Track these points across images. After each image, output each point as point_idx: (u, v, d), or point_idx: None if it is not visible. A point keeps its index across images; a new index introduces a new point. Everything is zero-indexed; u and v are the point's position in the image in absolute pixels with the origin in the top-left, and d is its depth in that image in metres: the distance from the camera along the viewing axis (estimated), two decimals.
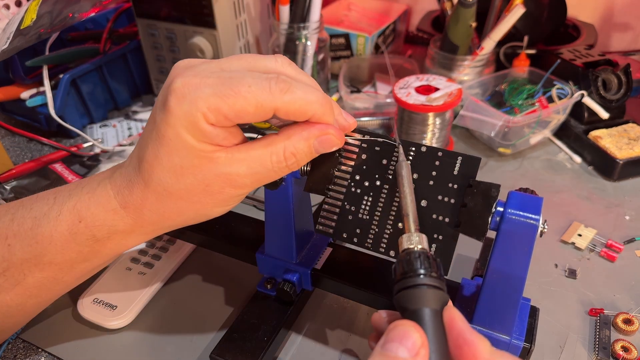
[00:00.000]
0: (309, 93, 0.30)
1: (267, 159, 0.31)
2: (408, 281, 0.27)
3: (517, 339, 0.34)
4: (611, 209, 0.56)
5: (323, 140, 0.31)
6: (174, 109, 0.29)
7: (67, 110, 0.70)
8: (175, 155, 0.30)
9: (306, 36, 0.69)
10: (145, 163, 0.31)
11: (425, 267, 0.27)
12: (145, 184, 0.31)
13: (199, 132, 0.29)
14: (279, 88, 0.29)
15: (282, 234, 0.40)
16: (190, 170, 0.30)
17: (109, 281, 0.47)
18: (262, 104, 0.28)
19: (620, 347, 0.41)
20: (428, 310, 0.26)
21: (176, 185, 0.31)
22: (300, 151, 0.31)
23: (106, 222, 0.33)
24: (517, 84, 0.67)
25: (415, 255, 0.27)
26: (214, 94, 0.28)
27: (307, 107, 0.30)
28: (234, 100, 0.28)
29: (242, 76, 0.29)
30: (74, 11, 0.64)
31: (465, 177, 0.32)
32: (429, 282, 0.26)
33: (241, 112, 0.28)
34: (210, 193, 0.31)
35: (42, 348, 0.43)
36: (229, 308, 0.46)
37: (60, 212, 0.34)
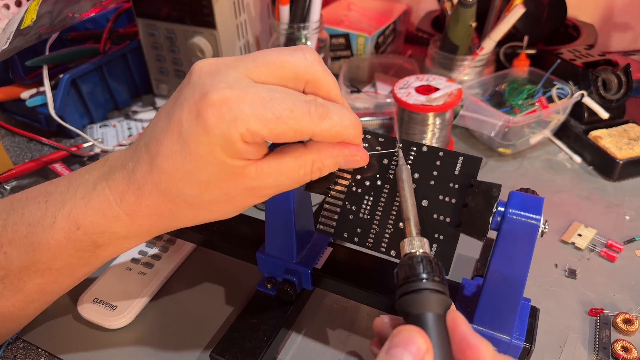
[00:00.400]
0: (345, 118, 0.30)
1: (295, 172, 0.31)
2: (410, 286, 0.27)
3: (517, 339, 0.34)
4: (611, 209, 0.56)
5: (350, 160, 0.32)
6: (212, 128, 0.27)
7: (67, 110, 0.70)
8: (204, 170, 0.29)
9: (306, 36, 0.69)
10: (164, 175, 0.30)
11: (428, 271, 0.27)
12: (162, 194, 0.30)
13: (234, 150, 0.28)
14: (318, 113, 0.28)
15: (283, 234, 0.40)
16: (216, 185, 0.30)
17: (109, 281, 0.47)
18: (302, 130, 0.28)
19: (620, 347, 0.41)
20: (431, 315, 0.26)
21: (199, 198, 0.30)
22: (327, 166, 0.31)
23: (107, 229, 0.32)
24: (517, 84, 0.67)
25: (417, 259, 0.28)
26: (254, 116, 0.27)
27: (342, 132, 0.30)
28: (275, 125, 0.27)
29: (282, 98, 0.28)
30: (74, 11, 0.64)
31: (466, 177, 0.32)
32: (432, 286, 0.26)
33: (280, 136, 0.28)
34: (232, 204, 0.31)
35: (42, 348, 0.43)
36: (229, 308, 0.46)
37: (55, 219, 0.33)
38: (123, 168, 0.32)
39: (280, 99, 0.28)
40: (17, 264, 0.33)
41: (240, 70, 0.29)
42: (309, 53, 0.30)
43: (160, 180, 0.30)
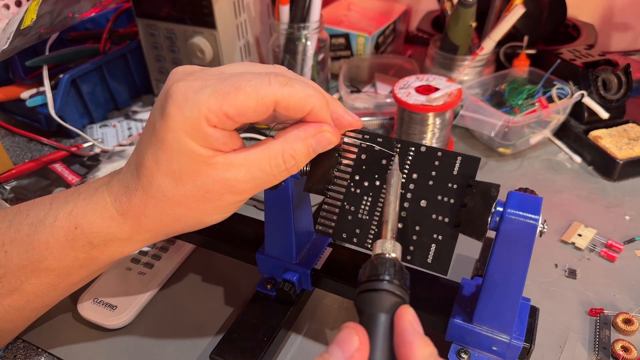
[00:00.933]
0: (307, 87, 0.30)
1: (266, 164, 0.31)
2: (370, 284, 0.27)
3: (517, 339, 0.34)
4: (611, 209, 0.56)
5: (320, 138, 0.31)
6: (174, 114, 0.29)
7: (67, 110, 0.70)
8: (174, 160, 0.30)
9: (306, 36, 0.69)
10: (144, 169, 0.31)
11: (390, 274, 0.27)
12: (144, 190, 0.31)
13: (201, 135, 0.29)
14: (278, 81, 0.29)
15: (282, 234, 0.40)
16: (189, 176, 0.30)
17: (109, 281, 0.47)
18: (263, 97, 0.28)
19: (620, 347, 0.41)
20: (383, 316, 0.26)
21: (175, 191, 0.31)
22: (299, 152, 0.31)
23: (103, 229, 0.33)
24: (517, 84, 0.67)
25: (383, 260, 0.28)
26: (214, 93, 0.28)
27: (307, 100, 0.29)
28: (234, 96, 0.28)
29: (241, 73, 0.29)
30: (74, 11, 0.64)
31: (465, 177, 0.32)
32: (390, 288, 0.26)
33: (242, 107, 0.28)
34: (210, 200, 0.31)
35: (42, 348, 0.43)
36: (229, 308, 0.46)
37: (56, 218, 0.34)
38: (119, 172, 0.34)
39: (240, 73, 0.29)
40: (16, 262, 0.34)
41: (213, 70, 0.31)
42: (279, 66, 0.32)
43: (142, 175, 0.31)
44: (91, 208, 0.33)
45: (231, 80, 0.28)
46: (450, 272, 0.32)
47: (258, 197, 0.58)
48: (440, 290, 0.38)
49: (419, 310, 0.36)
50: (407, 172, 0.34)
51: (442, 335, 0.36)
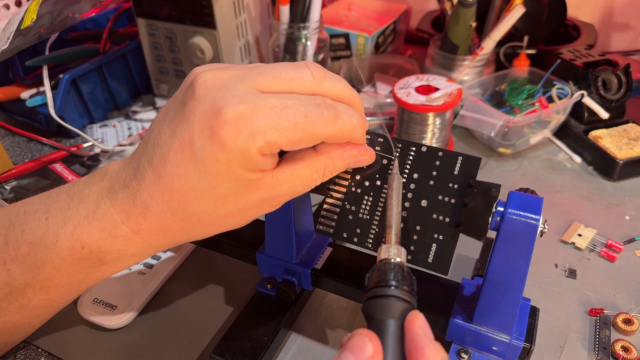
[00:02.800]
0: (352, 116, 0.30)
1: (309, 178, 0.31)
2: (378, 290, 0.27)
3: (517, 339, 0.34)
4: (611, 209, 0.56)
5: (359, 160, 0.33)
6: (230, 146, 0.27)
7: (67, 110, 0.70)
8: (220, 188, 0.28)
9: (306, 36, 0.69)
10: (176, 194, 0.29)
11: (398, 279, 0.27)
12: (172, 213, 0.30)
13: (252, 164, 0.28)
14: (331, 115, 0.28)
15: (282, 234, 0.40)
16: (232, 200, 0.29)
17: (109, 281, 0.47)
18: (318, 134, 0.28)
19: (620, 347, 0.41)
20: (393, 322, 0.26)
21: (214, 214, 0.30)
22: (338, 169, 0.32)
23: (115, 247, 0.31)
24: (517, 84, 0.67)
25: (390, 266, 0.28)
26: (271, 127, 0.27)
27: (352, 131, 0.30)
28: (292, 134, 0.27)
29: (295, 105, 0.28)
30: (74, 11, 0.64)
31: (466, 177, 0.32)
32: (399, 294, 0.26)
33: (297, 143, 0.28)
34: (246, 215, 0.31)
35: (42, 348, 0.43)
36: (229, 308, 0.46)
37: (58, 238, 0.31)
38: (126, 187, 0.31)
39: (293, 106, 0.28)
40: (21, 281, 0.33)
41: (248, 83, 0.28)
42: (315, 70, 0.30)
43: (173, 199, 0.29)
44: (97, 227, 0.31)
45: (287, 114, 0.27)
46: (450, 272, 0.32)
47: None
48: (441, 290, 0.38)
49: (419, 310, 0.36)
50: (408, 172, 0.34)
51: (442, 335, 0.36)
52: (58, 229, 0.32)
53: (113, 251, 0.32)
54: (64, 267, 0.32)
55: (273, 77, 0.29)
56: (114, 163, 0.33)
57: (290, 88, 0.29)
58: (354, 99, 0.32)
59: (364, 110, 0.33)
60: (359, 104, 0.32)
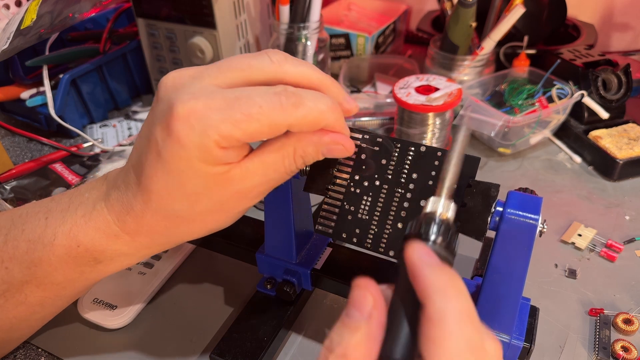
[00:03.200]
0: (320, 102, 0.28)
1: (280, 164, 0.30)
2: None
3: (517, 339, 0.34)
4: (611, 209, 0.56)
5: (332, 149, 0.30)
6: (184, 141, 0.27)
7: (67, 110, 0.70)
8: (188, 184, 0.29)
9: (306, 36, 0.69)
10: (152, 194, 0.30)
11: (434, 233, 0.25)
12: (153, 213, 0.30)
13: (212, 158, 0.28)
14: (290, 103, 0.27)
15: (282, 234, 0.40)
16: (205, 194, 0.29)
17: (109, 281, 0.47)
18: (276, 123, 0.27)
19: (620, 347, 0.41)
20: None
21: (190, 210, 0.30)
22: (309, 155, 0.30)
23: (108, 247, 0.32)
24: (517, 84, 0.67)
25: (431, 219, 0.26)
26: (224, 120, 0.27)
27: (320, 118, 0.29)
28: (246, 125, 0.27)
29: (249, 96, 0.27)
30: (74, 11, 0.64)
31: (465, 177, 0.32)
32: (436, 249, 0.25)
33: (255, 134, 0.27)
34: (226, 210, 0.31)
35: (42, 348, 0.43)
36: (229, 308, 0.46)
37: (55, 236, 0.32)
38: (117, 189, 0.32)
39: (247, 97, 0.27)
40: (18, 278, 0.33)
41: (205, 80, 0.28)
42: (274, 55, 0.29)
43: (150, 199, 0.30)
44: (92, 227, 0.32)
45: (239, 105, 0.27)
46: None
47: None
48: None
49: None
50: (407, 172, 0.34)
51: None
52: (56, 227, 0.33)
53: (107, 250, 0.32)
54: (60, 265, 0.33)
55: (229, 69, 0.29)
56: (115, 169, 0.35)
57: (248, 77, 0.29)
58: (324, 82, 0.30)
59: (342, 91, 0.32)
60: (333, 87, 0.31)
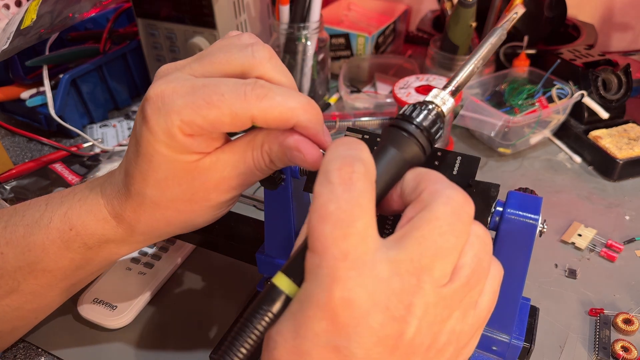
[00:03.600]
0: (290, 98, 0.27)
1: (249, 157, 0.29)
2: (398, 121, 0.26)
3: (516, 339, 0.34)
4: (611, 209, 0.56)
5: (293, 155, 0.28)
6: (152, 125, 0.27)
7: (67, 110, 0.70)
8: (158, 170, 0.29)
9: (306, 36, 0.69)
10: (131, 178, 0.31)
11: (421, 120, 0.26)
12: (133, 197, 0.31)
13: (178, 145, 0.28)
14: (255, 94, 0.26)
15: (282, 234, 0.40)
16: (175, 182, 0.30)
17: (109, 281, 0.47)
18: (237, 112, 0.26)
19: (620, 347, 0.41)
20: (393, 151, 0.25)
21: (162, 197, 0.30)
22: (274, 152, 0.29)
23: (97, 231, 0.33)
24: (517, 84, 0.67)
25: (424, 107, 0.26)
26: (185, 105, 0.26)
27: (289, 114, 0.27)
28: (206, 112, 0.26)
29: (216, 84, 0.27)
30: (74, 11, 0.64)
31: (465, 177, 0.32)
32: (414, 131, 0.26)
33: (216, 122, 0.27)
34: (196, 201, 0.31)
35: (42, 348, 0.43)
36: (229, 308, 0.46)
37: (52, 219, 0.33)
38: (112, 175, 0.34)
39: (213, 84, 0.27)
40: (12, 263, 0.34)
41: (185, 70, 0.29)
42: (258, 51, 0.28)
43: (129, 182, 0.31)
44: (85, 210, 0.33)
45: (203, 92, 0.27)
46: None
47: (258, 197, 0.58)
48: None
49: None
50: None
51: None
52: (53, 211, 0.34)
53: (95, 234, 0.33)
54: (52, 250, 0.33)
55: (209, 61, 0.29)
56: None
57: (225, 71, 0.28)
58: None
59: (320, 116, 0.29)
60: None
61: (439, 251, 0.22)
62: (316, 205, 0.21)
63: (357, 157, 0.22)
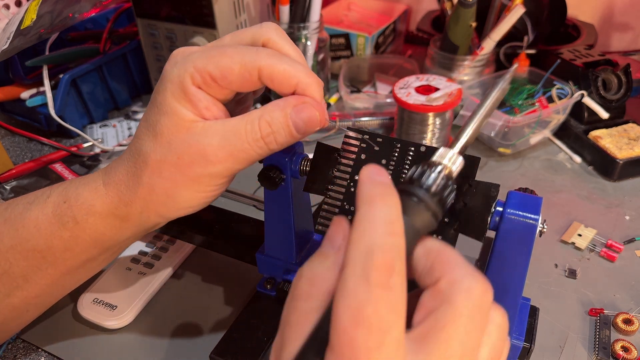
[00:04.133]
0: (295, 63, 0.30)
1: (242, 128, 0.30)
2: (407, 186, 0.25)
3: (517, 339, 0.34)
4: (611, 209, 0.56)
5: (300, 109, 0.30)
6: (167, 73, 0.31)
7: (67, 110, 0.70)
8: (159, 121, 0.31)
9: (306, 36, 0.69)
10: (136, 136, 0.33)
11: (432, 184, 0.24)
12: (130, 155, 0.33)
13: (184, 94, 0.30)
14: (266, 52, 0.30)
15: (282, 234, 0.40)
16: (166, 137, 0.31)
17: (109, 281, 0.47)
18: (247, 62, 0.29)
19: (620, 347, 0.41)
20: (405, 217, 0.23)
21: (152, 153, 0.31)
22: (276, 120, 0.30)
23: (86, 200, 0.34)
24: (517, 84, 0.67)
25: (434, 168, 0.25)
26: (200, 55, 0.30)
27: (293, 73, 0.30)
28: (219, 59, 0.29)
29: (231, 44, 0.31)
30: (74, 11, 0.64)
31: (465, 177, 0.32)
32: (423, 196, 0.24)
33: (226, 70, 0.29)
34: (181, 167, 0.31)
35: (42, 348, 0.43)
36: (229, 308, 0.46)
37: (50, 195, 0.35)
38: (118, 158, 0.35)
39: (230, 44, 0.31)
40: (6, 242, 0.35)
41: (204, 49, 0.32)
42: (266, 25, 0.32)
43: (133, 142, 0.33)
44: (83, 182, 0.35)
45: (217, 46, 0.31)
46: None
47: (258, 197, 0.58)
48: None
49: None
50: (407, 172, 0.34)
51: None
52: (54, 188, 0.36)
53: (84, 204, 0.34)
54: (44, 225, 0.34)
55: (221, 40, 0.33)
56: None
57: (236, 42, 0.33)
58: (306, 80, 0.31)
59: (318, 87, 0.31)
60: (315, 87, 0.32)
61: (466, 351, 0.21)
62: (349, 302, 0.19)
63: (397, 248, 0.20)
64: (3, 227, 0.35)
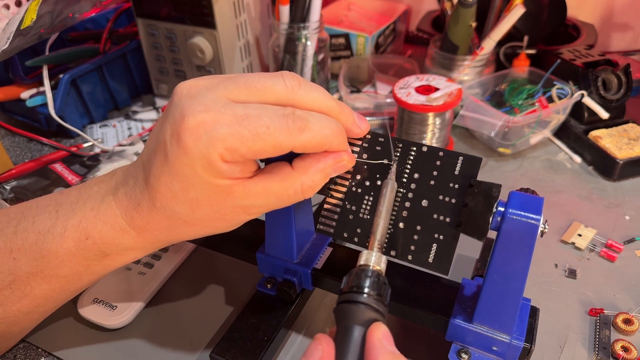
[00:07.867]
0: (325, 127, 0.30)
1: (284, 194, 0.31)
2: (349, 295, 0.27)
3: (517, 339, 0.34)
4: (611, 209, 0.56)
5: (338, 167, 0.32)
6: (191, 149, 0.28)
7: (67, 110, 0.70)
8: (191, 190, 0.30)
9: (306, 36, 0.69)
10: (158, 194, 0.31)
11: (371, 287, 0.27)
12: (157, 211, 0.32)
13: (216, 170, 0.29)
14: (296, 127, 0.29)
15: (283, 234, 0.40)
16: (206, 202, 0.30)
17: (109, 281, 0.47)
18: (281, 144, 0.29)
19: (620, 347, 0.41)
20: (357, 329, 0.26)
21: (191, 215, 0.31)
22: (318, 182, 0.32)
23: (115, 240, 0.33)
24: (517, 84, 0.67)
25: (367, 273, 0.28)
26: (231, 135, 0.28)
27: (324, 142, 0.30)
28: (252, 143, 0.28)
29: (258, 115, 0.28)
30: (74, 11, 0.64)
31: (466, 177, 0.32)
32: (368, 302, 0.27)
33: (259, 152, 0.28)
34: (225, 220, 0.32)
35: (42, 348, 0.43)
36: (229, 308, 0.46)
37: (65, 228, 0.34)
38: (125, 184, 0.33)
39: (256, 115, 0.28)
40: (25, 269, 0.34)
41: (219, 92, 0.29)
42: (289, 79, 0.30)
43: (155, 198, 0.31)
44: (101, 220, 0.33)
45: (248, 123, 0.28)
46: (450, 272, 0.32)
47: None
48: (441, 290, 0.38)
49: (419, 310, 0.36)
50: (408, 172, 0.34)
51: (442, 335, 0.36)
52: (66, 220, 0.34)
53: (114, 243, 0.33)
54: (67, 258, 0.34)
55: (244, 85, 0.30)
56: (124, 165, 0.36)
57: (261, 97, 0.30)
58: (333, 109, 0.32)
59: (351, 116, 0.33)
60: (343, 113, 0.32)
61: None
62: None
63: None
64: (18, 254, 0.34)
